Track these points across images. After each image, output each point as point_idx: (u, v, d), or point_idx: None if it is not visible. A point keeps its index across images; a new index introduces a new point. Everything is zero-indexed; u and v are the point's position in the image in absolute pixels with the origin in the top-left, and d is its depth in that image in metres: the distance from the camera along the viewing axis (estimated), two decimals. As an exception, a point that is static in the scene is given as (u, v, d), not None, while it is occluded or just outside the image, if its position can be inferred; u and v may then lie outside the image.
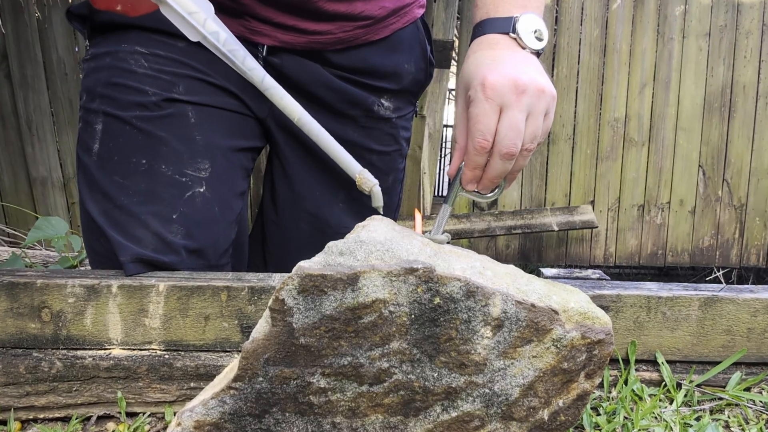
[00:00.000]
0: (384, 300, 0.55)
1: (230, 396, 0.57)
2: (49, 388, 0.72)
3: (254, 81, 0.63)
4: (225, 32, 0.62)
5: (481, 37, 0.77)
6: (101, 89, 0.87)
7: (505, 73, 0.69)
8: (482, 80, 0.69)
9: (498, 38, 0.76)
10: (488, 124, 0.68)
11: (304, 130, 0.63)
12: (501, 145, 0.69)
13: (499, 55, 0.73)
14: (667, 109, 3.35)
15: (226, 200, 0.92)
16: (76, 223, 3.05)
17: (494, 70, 0.69)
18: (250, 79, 0.62)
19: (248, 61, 0.63)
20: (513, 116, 0.68)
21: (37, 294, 0.72)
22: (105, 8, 0.88)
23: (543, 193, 3.40)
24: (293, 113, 0.62)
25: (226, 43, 0.62)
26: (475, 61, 0.74)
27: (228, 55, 0.62)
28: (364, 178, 0.61)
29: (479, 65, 0.72)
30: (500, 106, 0.68)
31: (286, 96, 0.63)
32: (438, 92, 3.19)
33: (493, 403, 0.59)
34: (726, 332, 0.77)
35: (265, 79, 0.63)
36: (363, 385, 0.57)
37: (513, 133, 0.68)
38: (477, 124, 0.69)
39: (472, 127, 0.69)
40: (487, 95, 0.68)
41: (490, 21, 0.77)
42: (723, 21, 3.30)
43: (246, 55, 0.63)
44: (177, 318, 0.73)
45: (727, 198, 3.43)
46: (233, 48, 0.62)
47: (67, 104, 3.03)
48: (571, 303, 0.60)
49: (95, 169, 0.86)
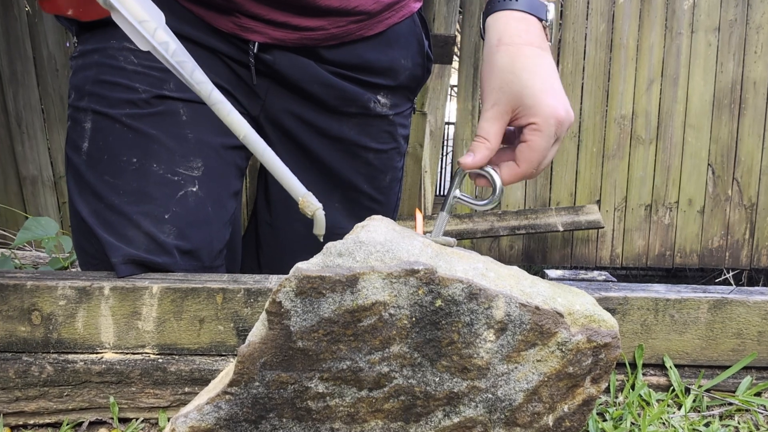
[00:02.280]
0: (384, 302, 0.55)
1: (226, 401, 0.57)
2: (40, 393, 0.72)
3: (202, 95, 0.63)
4: (175, 43, 0.62)
5: (520, 15, 0.74)
6: (90, 87, 0.87)
7: (567, 107, 0.71)
8: (555, 114, 0.69)
9: (538, 28, 0.74)
10: (544, 155, 0.71)
11: (249, 149, 0.64)
12: (537, 170, 0.72)
13: (551, 68, 0.72)
14: (675, 106, 3.35)
15: (220, 200, 0.92)
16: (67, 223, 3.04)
17: (561, 101, 0.70)
18: (197, 92, 0.63)
19: (197, 74, 0.63)
20: (555, 150, 0.72)
21: (27, 296, 0.72)
22: (55, 13, 0.88)
23: (547, 192, 3.41)
24: (239, 130, 0.63)
25: (174, 54, 0.62)
26: (533, 67, 0.71)
27: (176, 66, 0.62)
28: (308, 201, 0.61)
29: (542, 81, 0.70)
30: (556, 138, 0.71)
31: (233, 111, 0.63)
32: (440, 89, 3.20)
33: (497, 408, 0.59)
34: (736, 335, 0.77)
35: (213, 93, 0.63)
36: (362, 390, 0.57)
37: (548, 162, 0.73)
38: (540, 158, 0.70)
39: (534, 159, 0.70)
40: (557, 132, 0.70)
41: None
42: (733, 15, 3.30)
43: (195, 67, 0.63)
44: (171, 321, 0.73)
45: (737, 197, 3.43)
46: (181, 59, 0.63)
47: (58, 101, 3.03)
48: (577, 305, 0.60)
49: (85, 169, 0.86)
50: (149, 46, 0.62)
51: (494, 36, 0.74)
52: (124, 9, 0.62)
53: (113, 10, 0.62)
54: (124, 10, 0.62)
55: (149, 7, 0.63)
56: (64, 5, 0.85)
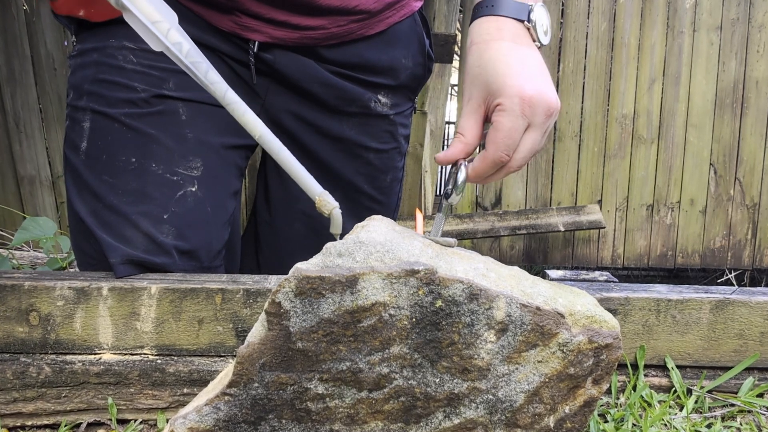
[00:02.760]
0: (384, 303, 0.55)
1: (225, 402, 0.57)
2: (38, 394, 0.72)
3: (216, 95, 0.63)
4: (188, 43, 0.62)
5: (493, 18, 0.75)
6: (88, 86, 0.88)
7: (539, 88, 0.69)
8: (520, 92, 0.68)
9: (516, 28, 0.74)
10: (515, 139, 0.69)
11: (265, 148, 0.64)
12: (515, 161, 0.70)
13: (525, 57, 0.72)
14: (677, 106, 3.35)
15: (219, 200, 0.92)
16: (65, 223, 3.05)
17: (529, 81, 0.69)
18: (212, 93, 0.63)
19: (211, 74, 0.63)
20: (535, 137, 0.70)
21: (25, 297, 0.72)
22: (67, 14, 0.88)
23: (548, 192, 3.41)
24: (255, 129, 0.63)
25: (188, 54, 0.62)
26: (499, 56, 0.72)
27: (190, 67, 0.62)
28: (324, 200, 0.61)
29: (508, 66, 0.71)
30: (529, 124, 0.69)
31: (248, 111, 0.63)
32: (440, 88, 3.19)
33: (497, 409, 0.59)
34: (738, 336, 0.77)
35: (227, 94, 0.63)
36: (362, 391, 0.57)
37: (528, 152, 0.70)
38: (506, 139, 0.69)
39: (498, 139, 0.69)
40: (524, 112, 0.69)
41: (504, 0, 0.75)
42: (735, 14, 3.30)
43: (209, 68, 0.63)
44: (170, 321, 0.73)
45: (740, 197, 3.43)
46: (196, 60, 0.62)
47: (56, 100, 3.03)
48: (578, 306, 0.60)
49: (83, 169, 0.86)
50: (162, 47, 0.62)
51: (468, 41, 0.76)
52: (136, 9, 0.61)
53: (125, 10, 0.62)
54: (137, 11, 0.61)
55: (162, 7, 0.63)
56: (75, 6, 0.85)
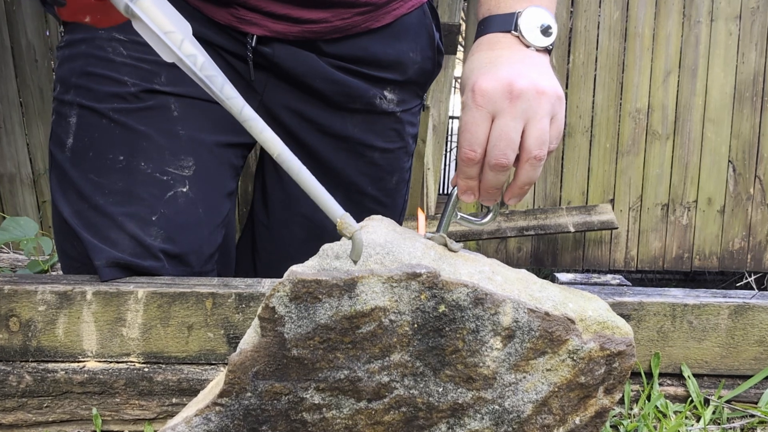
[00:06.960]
0: (384, 308, 0.55)
1: (216, 413, 0.57)
2: (18, 405, 0.72)
3: (232, 111, 0.63)
4: (203, 56, 0.62)
5: (481, 38, 0.78)
6: (76, 79, 0.88)
7: (499, 77, 0.69)
8: (473, 86, 0.69)
9: (498, 37, 0.76)
10: (476, 133, 0.69)
11: (283, 167, 0.64)
12: (490, 155, 0.69)
13: (496, 57, 0.73)
14: (693, 99, 3.35)
15: (212, 201, 0.92)
16: (47, 223, 3.05)
17: (487, 74, 0.70)
18: (228, 108, 0.63)
19: (227, 89, 0.63)
20: (504, 125, 0.69)
21: (5, 301, 0.72)
22: (72, 20, 0.88)
23: (558, 190, 3.41)
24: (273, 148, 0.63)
25: (203, 68, 0.62)
26: (472, 65, 0.75)
27: (205, 80, 0.62)
28: (346, 222, 0.61)
29: (474, 69, 0.73)
30: (492, 114, 0.69)
31: (267, 129, 0.63)
32: (443, 80, 3.20)
33: (504, 420, 0.59)
34: (758, 343, 0.77)
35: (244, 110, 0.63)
36: (361, 401, 0.58)
37: (503, 143, 0.69)
38: (465, 133, 0.70)
39: (460, 136, 0.70)
40: (477, 102, 0.69)
41: (491, 19, 0.77)
42: (755, 2, 3.30)
43: (225, 82, 0.63)
44: (157, 327, 0.74)
45: (760, 196, 3.43)
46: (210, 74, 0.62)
47: (38, 94, 3.03)
48: (589, 311, 0.60)
49: (69, 166, 0.86)
50: (175, 58, 0.62)
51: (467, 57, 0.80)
52: (148, 18, 0.61)
53: (135, 18, 0.61)
54: (148, 20, 0.61)
55: (175, 16, 0.62)
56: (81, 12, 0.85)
